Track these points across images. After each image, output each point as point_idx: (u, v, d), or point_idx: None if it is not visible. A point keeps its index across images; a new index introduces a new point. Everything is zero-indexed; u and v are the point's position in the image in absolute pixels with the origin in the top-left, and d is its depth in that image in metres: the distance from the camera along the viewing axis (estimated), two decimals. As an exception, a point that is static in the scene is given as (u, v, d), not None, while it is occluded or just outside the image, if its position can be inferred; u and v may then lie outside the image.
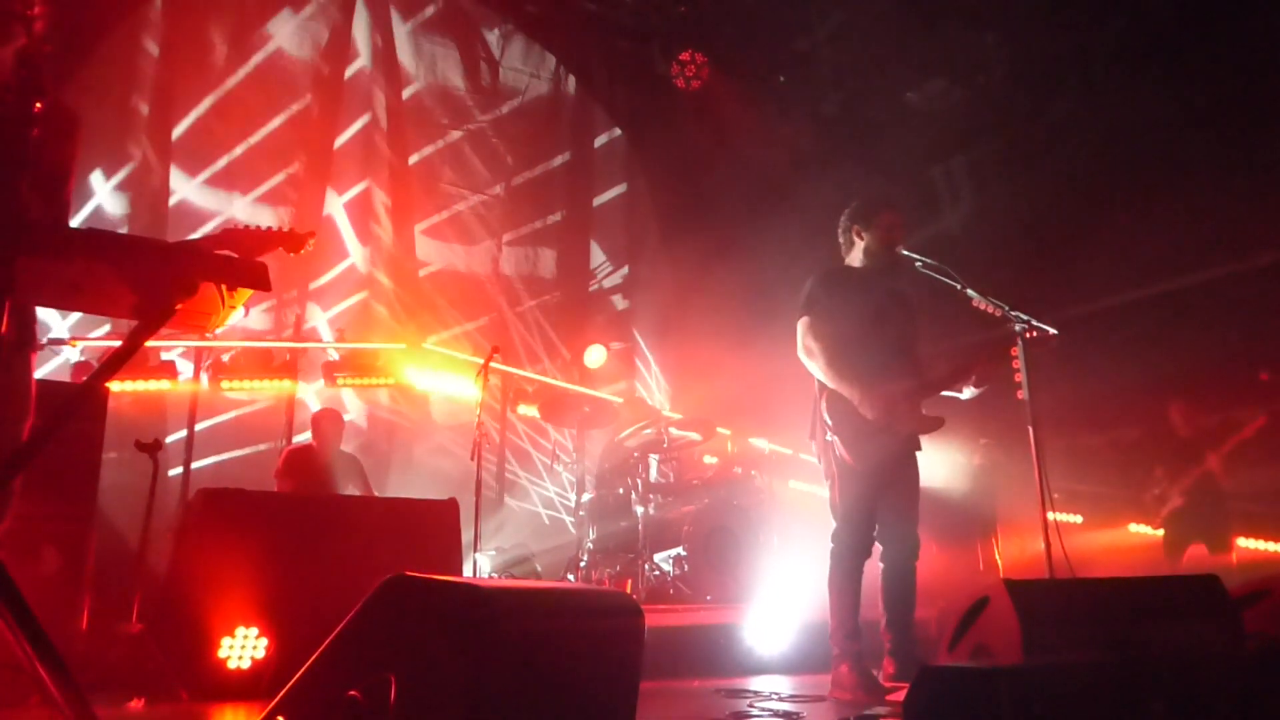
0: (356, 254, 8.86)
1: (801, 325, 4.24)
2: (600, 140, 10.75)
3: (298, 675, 2.20)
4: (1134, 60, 8.19)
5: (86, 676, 4.05)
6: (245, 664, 4.07)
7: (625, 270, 10.77)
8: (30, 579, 3.76)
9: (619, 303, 10.66)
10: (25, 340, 2.81)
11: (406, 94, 9.29)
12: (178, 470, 7.06)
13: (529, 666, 2.09)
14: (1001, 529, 7.47)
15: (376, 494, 6.82)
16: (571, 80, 10.41)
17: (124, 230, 7.45)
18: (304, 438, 7.24)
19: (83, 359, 6.68)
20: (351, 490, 6.77)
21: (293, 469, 6.60)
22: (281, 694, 2.21)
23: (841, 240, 4.49)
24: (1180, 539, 7.09)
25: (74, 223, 3.63)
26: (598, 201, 10.67)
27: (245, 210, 8.12)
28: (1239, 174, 7.59)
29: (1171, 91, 7.82)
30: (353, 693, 2.05)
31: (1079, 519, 8.47)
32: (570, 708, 2.24)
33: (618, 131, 10.83)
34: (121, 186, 7.72)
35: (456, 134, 9.53)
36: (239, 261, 2.15)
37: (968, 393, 4.23)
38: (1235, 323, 8.05)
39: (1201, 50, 7.68)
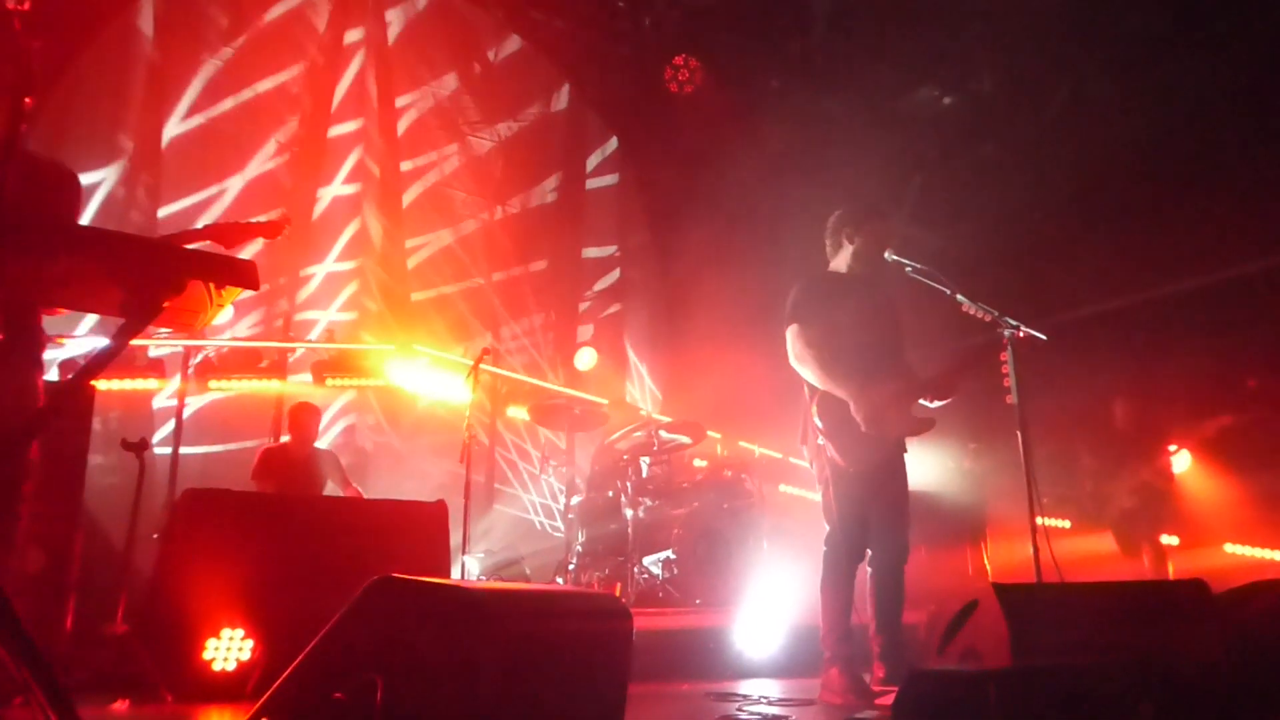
0: (345, 254, 8.85)
1: (791, 333, 4.24)
2: (594, 150, 10.76)
3: (282, 677, 2.18)
4: (1123, 68, 8.23)
5: (71, 678, 4.05)
6: (231, 666, 4.04)
7: (617, 274, 10.77)
8: (15, 579, 3.74)
9: (610, 306, 10.65)
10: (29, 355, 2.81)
11: (401, 118, 9.27)
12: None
13: (516, 669, 2.08)
14: (991, 533, 7.48)
15: (359, 491, 6.78)
16: (566, 86, 10.42)
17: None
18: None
19: (68, 356, 6.64)
20: (332, 485, 6.74)
21: (270, 468, 6.57)
22: (266, 696, 2.19)
23: (829, 244, 4.50)
24: (1135, 539, 7.02)
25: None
26: (590, 205, 10.68)
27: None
28: (1228, 182, 7.64)
29: (1161, 100, 7.86)
30: (338, 695, 2.03)
31: (1067, 524, 8.49)
32: (558, 710, 2.23)
33: (612, 139, 10.84)
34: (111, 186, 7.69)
35: (451, 147, 9.54)
36: (227, 259, 2.13)
37: (935, 403, 4.22)
38: (1225, 330, 8.09)
39: (1191, 59, 7.72)
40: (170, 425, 7.00)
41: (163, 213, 7.88)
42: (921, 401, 4.19)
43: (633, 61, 10.19)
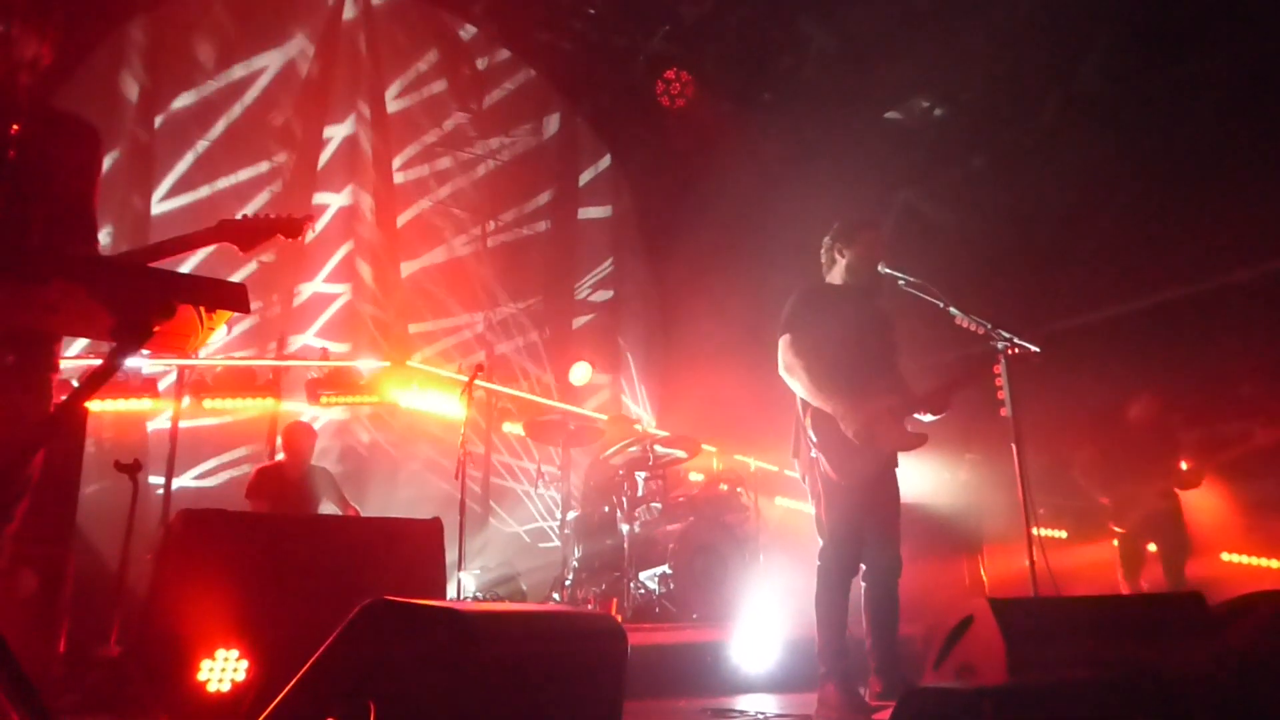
0: (336, 274, 8.84)
1: (783, 343, 4.25)
2: (586, 166, 10.79)
3: (275, 702, 2.17)
4: (1115, 77, 8.27)
5: (65, 701, 4.03)
6: (225, 687, 4.00)
7: (611, 289, 10.79)
8: (6, 602, 3.72)
9: (605, 320, 10.66)
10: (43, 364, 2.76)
11: (395, 131, 9.27)
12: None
13: (510, 691, 2.07)
14: (987, 545, 7.46)
15: (357, 510, 6.76)
16: (559, 103, 10.45)
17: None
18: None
19: (62, 377, 6.59)
20: (328, 503, 6.72)
21: (264, 488, 6.55)
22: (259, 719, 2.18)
23: (824, 259, 4.53)
24: (1143, 547, 6.91)
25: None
26: (583, 220, 10.71)
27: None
28: (1223, 189, 7.66)
29: (1153, 108, 7.90)
30: (331, 718, 2.02)
31: (1064, 534, 8.49)
32: (552, 732, 2.21)
33: (605, 155, 10.87)
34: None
35: (444, 163, 9.55)
36: (218, 282, 2.13)
37: (927, 417, 4.22)
38: (1221, 337, 8.10)
39: (1183, 67, 7.76)
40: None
41: (156, 211, 7.88)
42: (915, 415, 4.20)
43: (625, 79, 10.22)
